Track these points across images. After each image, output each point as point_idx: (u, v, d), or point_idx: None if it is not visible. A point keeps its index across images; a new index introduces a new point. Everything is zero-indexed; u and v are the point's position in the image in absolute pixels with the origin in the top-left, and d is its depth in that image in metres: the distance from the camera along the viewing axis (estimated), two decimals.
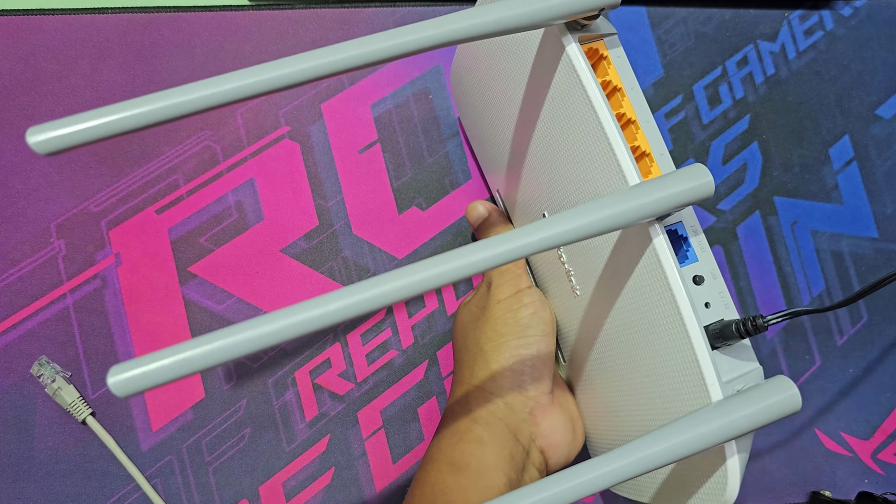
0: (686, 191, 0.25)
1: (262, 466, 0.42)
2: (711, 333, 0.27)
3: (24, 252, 0.43)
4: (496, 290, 0.38)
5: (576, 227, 0.24)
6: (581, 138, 0.29)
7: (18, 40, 0.44)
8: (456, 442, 0.35)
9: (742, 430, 0.24)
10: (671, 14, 0.50)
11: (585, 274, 0.34)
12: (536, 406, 0.36)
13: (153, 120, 0.22)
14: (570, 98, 0.29)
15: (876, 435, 0.47)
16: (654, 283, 0.28)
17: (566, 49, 0.28)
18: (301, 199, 0.45)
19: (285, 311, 0.21)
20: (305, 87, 0.46)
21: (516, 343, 0.36)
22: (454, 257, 0.22)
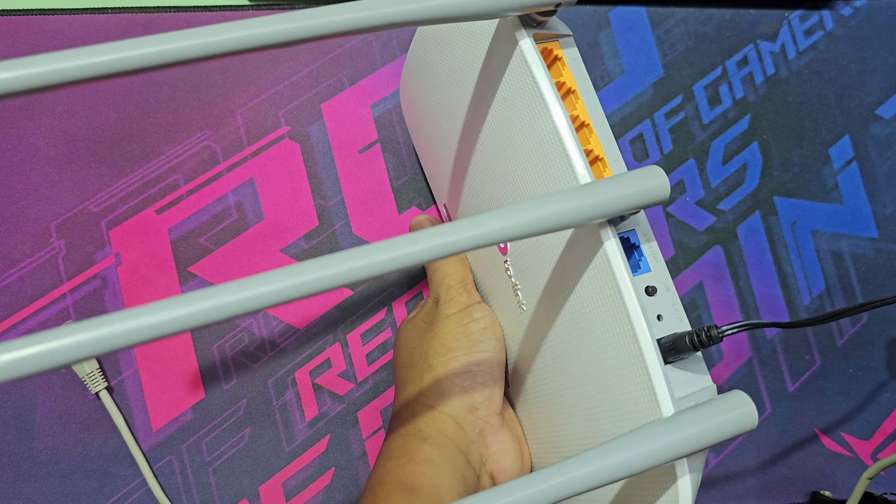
0: (640, 192, 0.24)
1: (262, 466, 0.42)
2: (664, 347, 0.25)
3: (24, 252, 0.43)
4: (445, 305, 0.36)
5: (521, 223, 0.22)
6: (530, 136, 0.28)
7: (18, 40, 0.44)
8: (405, 462, 0.32)
9: (695, 446, 0.23)
10: (671, 14, 0.50)
11: (532, 286, 0.32)
12: (486, 426, 0.34)
13: None
14: (521, 94, 0.28)
15: (876, 435, 0.47)
16: (604, 291, 0.26)
17: (519, 43, 0.27)
18: (301, 199, 0.45)
19: (174, 301, 0.19)
20: (305, 87, 0.46)
21: (466, 359, 0.34)
22: (388, 248, 0.21)
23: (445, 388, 0.34)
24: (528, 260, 0.32)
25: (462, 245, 0.21)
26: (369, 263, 0.20)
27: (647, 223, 0.28)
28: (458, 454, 0.33)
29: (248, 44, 0.21)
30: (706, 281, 0.47)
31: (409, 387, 0.36)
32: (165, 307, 0.19)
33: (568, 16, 0.48)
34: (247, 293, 0.19)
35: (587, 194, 0.24)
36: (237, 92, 0.45)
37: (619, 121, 0.48)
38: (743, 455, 0.46)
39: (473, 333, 0.35)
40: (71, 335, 0.18)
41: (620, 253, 0.25)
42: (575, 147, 0.26)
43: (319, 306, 0.44)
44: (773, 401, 0.46)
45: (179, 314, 0.19)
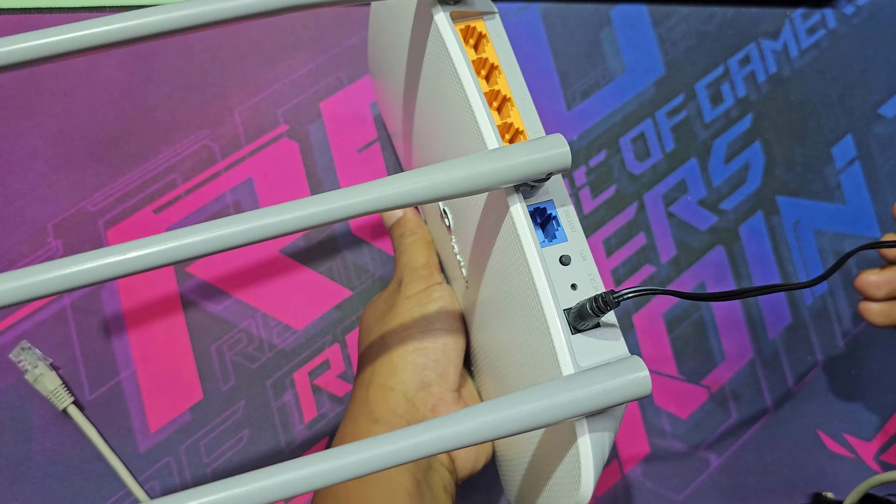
0: (541, 159, 0.24)
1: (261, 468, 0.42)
2: (573, 316, 0.25)
3: (21, 252, 0.42)
4: (406, 287, 0.37)
5: (422, 186, 0.23)
6: (451, 108, 0.29)
7: None
8: None
9: (588, 407, 0.23)
10: (673, 12, 0.49)
11: (468, 261, 0.33)
12: (439, 402, 0.34)
13: None
14: (440, 68, 0.29)
15: (878, 436, 0.47)
16: (515, 261, 0.26)
17: (434, 18, 0.28)
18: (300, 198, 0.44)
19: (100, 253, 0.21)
20: (304, 86, 0.45)
21: (420, 337, 0.35)
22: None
23: (399, 366, 0.35)
24: (464, 235, 0.33)
25: (364, 207, 0.22)
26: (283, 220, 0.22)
27: (565, 193, 0.28)
28: None
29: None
30: (708, 281, 0.47)
31: (365, 367, 0.37)
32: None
33: (569, 14, 0.48)
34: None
35: (488, 160, 0.24)
36: (235, 91, 0.45)
37: (620, 119, 0.48)
38: (744, 456, 0.45)
39: (430, 313, 0.35)
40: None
41: (527, 219, 0.26)
42: (485, 117, 0.27)
43: (318, 307, 0.44)
44: (774, 401, 0.46)
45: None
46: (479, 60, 0.29)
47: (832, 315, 0.48)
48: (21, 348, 0.40)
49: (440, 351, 0.35)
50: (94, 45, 0.23)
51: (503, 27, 0.29)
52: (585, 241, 0.27)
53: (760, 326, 0.47)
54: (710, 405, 0.46)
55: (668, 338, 0.46)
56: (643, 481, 0.45)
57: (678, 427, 0.45)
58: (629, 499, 0.44)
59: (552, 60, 0.48)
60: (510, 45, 0.29)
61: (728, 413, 0.46)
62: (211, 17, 0.23)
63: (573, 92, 0.48)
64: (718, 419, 0.46)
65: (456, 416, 0.22)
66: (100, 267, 0.21)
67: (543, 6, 0.48)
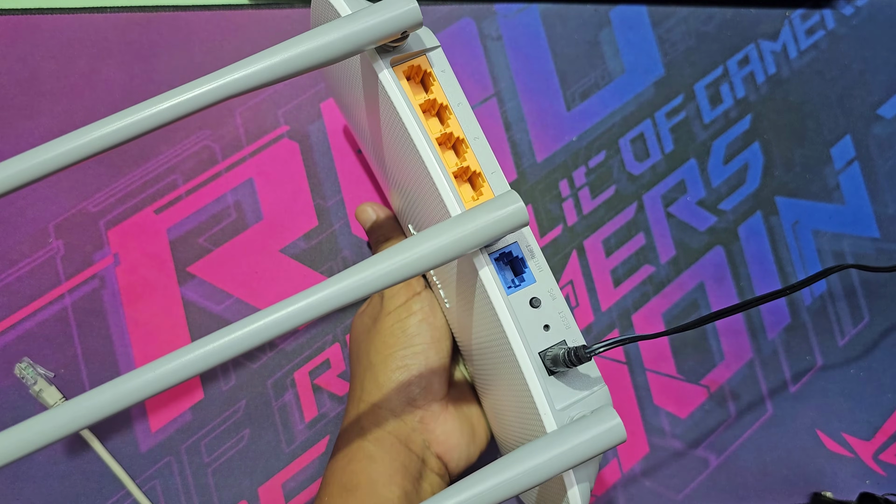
0: (500, 220, 0.25)
1: (262, 467, 0.42)
2: (549, 359, 0.27)
3: (22, 252, 0.42)
4: (388, 301, 0.37)
5: (396, 268, 0.24)
6: (412, 162, 0.29)
7: (17, 39, 0.44)
8: (346, 463, 0.34)
9: (573, 461, 0.25)
10: (672, 13, 0.49)
11: (449, 289, 0.34)
12: (426, 414, 0.35)
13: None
14: (394, 123, 0.29)
15: (877, 436, 0.47)
16: (489, 312, 0.28)
17: (378, 76, 0.28)
18: (300, 199, 0.45)
19: None
20: (304, 87, 0.45)
21: (402, 353, 0.35)
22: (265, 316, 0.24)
23: (383, 384, 0.35)
24: (441, 270, 0.33)
25: (355, 293, 0.24)
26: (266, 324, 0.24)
27: (530, 234, 0.29)
28: (396, 445, 0.34)
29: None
30: (707, 282, 0.47)
31: (354, 383, 0.38)
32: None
33: (568, 15, 0.48)
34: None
35: (449, 231, 0.25)
36: None
37: (619, 120, 0.48)
38: (744, 456, 0.45)
39: (410, 328, 0.36)
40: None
41: (494, 278, 0.27)
42: (441, 175, 0.28)
43: None
44: (774, 401, 0.46)
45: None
46: (427, 102, 0.29)
47: (831, 315, 0.48)
48: (22, 366, 0.41)
49: (422, 366, 0.35)
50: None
51: (446, 59, 0.29)
52: (553, 279, 0.28)
53: (760, 326, 0.47)
54: (709, 405, 0.46)
55: (667, 337, 0.46)
56: (642, 480, 0.45)
57: (677, 427, 0.45)
58: (629, 498, 0.45)
59: (552, 61, 0.48)
60: (456, 78, 0.29)
61: (727, 413, 0.46)
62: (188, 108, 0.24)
63: (573, 93, 0.48)
64: (718, 419, 0.46)
65: (459, 487, 0.24)
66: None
67: (543, 7, 0.48)
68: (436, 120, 0.30)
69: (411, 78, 0.29)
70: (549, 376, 0.27)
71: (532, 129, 0.47)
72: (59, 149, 0.24)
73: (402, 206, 0.36)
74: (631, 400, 0.45)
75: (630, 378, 0.46)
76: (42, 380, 0.41)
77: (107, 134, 0.24)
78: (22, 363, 0.41)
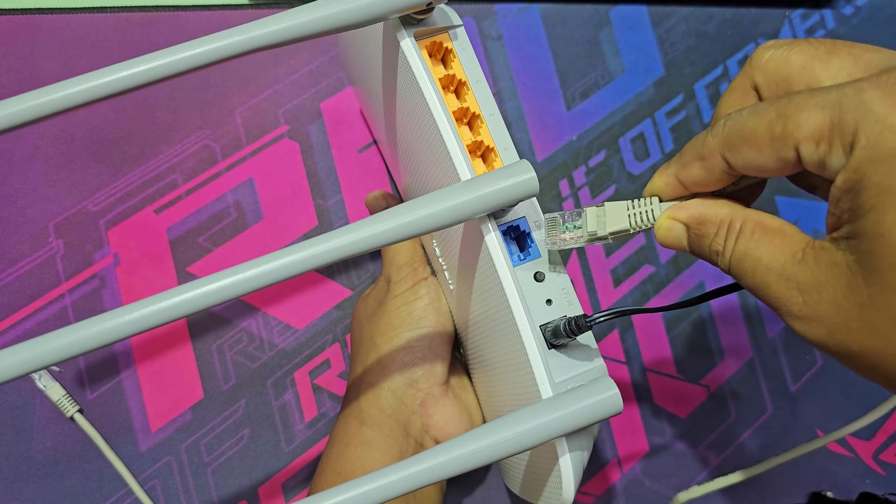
0: (510, 187, 0.25)
1: (261, 467, 0.42)
2: (550, 332, 0.27)
3: (22, 252, 0.42)
4: (395, 285, 0.37)
5: (401, 224, 0.24)
6: (426, 132, 0.30)
7: (17, 39, 0.44)
8: (343, 449, 0.34)
9: (566, 428, 0.24)
10: (672, 13, 0.49)
11: (453, 269, 0.34)
12: (427, 397, 0.35)
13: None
14: (411, 93, 0.30)
15: (877, 435, 0.47)
16: (492, 282, 0.28)
17: (401, 44, 0.28)
18: (300, 199, 0.45)
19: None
20: (305, 86, 0.45)
21: (408, 335, 0.35)
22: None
23: (387, 364, 0.35)
24: (447, 244, 0.34)
25: (350, 250, 0.23)
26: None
27: (537, 209, 0.29)
28: (395, 429, 0.34)
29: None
30: (707, 281, 0.47)
31: (356, 366, 0.37)
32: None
33: (568, 14, 0.48)
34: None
35: (461, 192, 0.25)
36: (236, 91, 0.45)
37: (619, 120, 0.48)
38: (744, 455, 0.45)
39: (416, 311, 0.36)
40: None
41: (500, 245, 0.27)
42: (456, 147, 0.28)
43: (319, 306, 0.44)
44: (774, 401, 0.46)
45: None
46: (447, 77, 0.29)
47: None
48: None
49: (427, 348, 0.36)
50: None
51: (468, 40, 0.30)
52: (559, 254, 0.28)
53: (760, 325, 0.47)
54: (709, 404, 0.46)
55: (667, 337, 0.46)
56: (642, 480, 0.45)
57: (677, 426, 0.45)
58: (628, 497, 0.45)
59: (552, 61, 0.48)
60: (476, 57, 0.30)
61: (727, 412, 0.46)
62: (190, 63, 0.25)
63: (573, 92, 0.48)
64: (718, 418, 0.46)
65: (449, 445, 0.24)
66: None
67: (543, 7, 0.48)
68: (453, 96, 0.30)
69: (433, 55, 0.29)
70: (548, 349, 0.27)
71: (532, 128, 0.47)
72: (78, 86, 0.24)
73: (411, 183, 0.37)
74: (631, 400, 0.45)
75: (630, 378, 0.46)
76: (46, 375, 0.41)
77: (130, 75, 0.24)
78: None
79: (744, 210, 0.22)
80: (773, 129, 0.19)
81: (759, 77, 0.21)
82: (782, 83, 0.20)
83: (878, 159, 0.16)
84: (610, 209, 0.25)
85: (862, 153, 0.16)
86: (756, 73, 0.21)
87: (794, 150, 0.18)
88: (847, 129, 0.17)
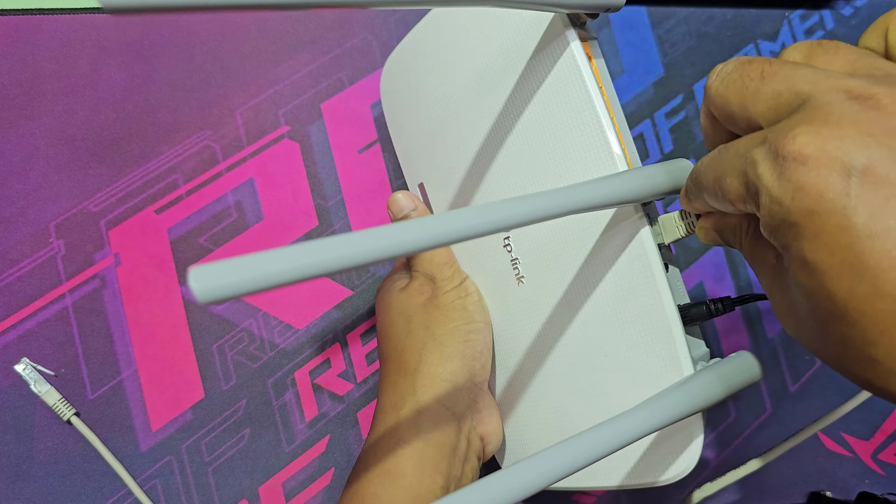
0: (670, 180, 0.27)
1: (262, 467, 0.42)
2: (689, 314, 0.29)
3: (23, 252, 0.42)
4: (443, 282, 0.38)
5: (576, 200, 0.24)
6: (572, 129, 0.31)
7: (18, 40, 0.44)
8: (394, 444, 0.33)
9: (715, 397, 0.26)
10: (672, 13, 0.49)
11: (532, 263, 0.34)
12: (479, 393, 0.36)
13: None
14: (565, 91, 0.30)
15: (876, 435, 0.47)
16: (638, 271, 0.29)
17: (571, 45, 0.30)
18: (301, 199, 0.45)
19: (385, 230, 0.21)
20: (305, 87, 0.46)
21: (466, 328, 0.36)
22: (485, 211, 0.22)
23: (450, 355, 0.36)
24: (541, 238, 0.34)
25: (536, 215, 0.23)
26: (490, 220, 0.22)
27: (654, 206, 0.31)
28: (451, 423, 0.34)
29: None
30: (707, 280, 0.47)
31: (407, 354, 0.37)
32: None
33: None
34: None
35: (631, 178, 0.26)
36: (237, 91, 0.45)
37: None
38: (744, 454, 0.45)
39: (469, 305, 0.37)
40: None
41: (652, 238, 0.29)
42: (615, 140, 0.29)
43: (319, 306, 0.44)
44: (773, 401, 0.46)
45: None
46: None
47: None
48: (23, 366, 0.41)
49: (482, 342, 0.36)
50: None
51: (600, 49, 0.31)
52: (671, 249, 0.31)
53: (759, 326, 0.47)
54: None
55: None
56: None
57: None
58: (629, 497, 0.45)
59: None
60: (606, 64, 0.31)
61: (727, 412, 0.46)
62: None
63: None
64: (717, 418, 0.46)
65: (614, 420, 0.24)
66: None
67: None
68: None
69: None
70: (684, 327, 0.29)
71: None
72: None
73: (509, 179, 0.36)
74: None
75: None
76: (41, 381, 0.41)
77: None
78: (22, 363, 0.41)
79: (750, 216, 0.24)
80: (716, 188, 0.22)
81: (713, 111, 0.23)
82: (728, 121, 0.22)
83: (772, 227, 0.19)
84: (662, 221, 0.29)
85: (763, 220, 0.19)
86: (711, 107, 0.23)
87: (732, 205, 0.21)
88: (753, 197, 0.20)
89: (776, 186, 0.18)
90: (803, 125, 0.18)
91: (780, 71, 0.20)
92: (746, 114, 0.21)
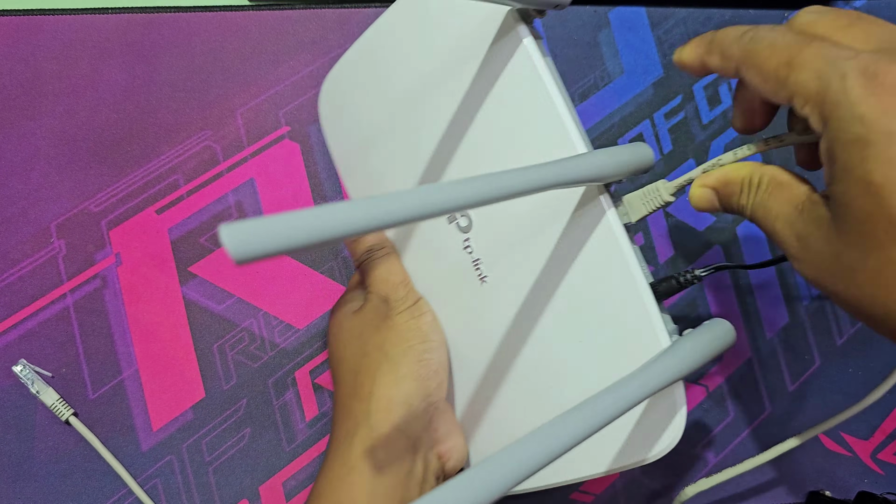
0: (632, 160, 0.28)
1: (263, 466, 0.42)
2: (658, 290, 0.30)
3: (24, 252, 0.43)
4: (397, 302, 0.37)
5: (540, 177, 0.24)
6: (530, 122, 0.31)
7: (18, 40, 0.44)
8: (346, 474, 0.33)
9: (695, 363, 0.27)
10: (671, 14, 0.50)
11: (493, 260, 0.35)
12: (436, 412, 0.36)
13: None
14: (519, 86, 0.31)
15: (876, 435, 0.47)
16: (605, 251, 0.30)
17: (524, 41, 0.30)
18: (301, 200, 0.45)
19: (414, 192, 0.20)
20: (305, 87, 0.46)
21: (421, 347, 0.36)
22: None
23: (404, 375, 0.35)
24: (503, 232, 0.34)
25: (503, 191, 0.23)
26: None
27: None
28: (407, 447, 0.34)
29: None
30: (706, 280, 0.47)
31: (361, 379, 0.36)
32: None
33: (568, 16, 0.48)
34: None
35: (592, 158, 0.27)
36: (237, 92, 0.45)
37: (618, 121, 0.48)
38: (742, 454, 0.46)
39: (424, 325, 0.37)
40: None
41: (614, 209, 0.29)
42: (575, 127, 0.30)
43: (319, 306, 0.44)
44: (772, 400, 0.46)
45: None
46: None
47: (829, 314, 0.48)
48: (21, 367, 0.41)
49: (437, 361, 0.36)
50: None
51: (546, 48, 0.32)
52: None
53: (758, 325, 0.47)
54: (708, 404, 0.46)
55: None
56: (641, 479, 0.45)
57: None
58: (628, 496, 0.45)
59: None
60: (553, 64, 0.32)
61: (726, 412, 0.46)
62: None
63: (572, 93, 0.48)
64: (717, 418, 0.46)
65: (602, 392, 0.24)
66: None
67: None
68: None
69: None
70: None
71: None
72: None
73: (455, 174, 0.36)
74: None
75: None
76: (39, 381, 0.41)
77: None
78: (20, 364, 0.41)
79: (762, 167, 0.26)
80: (779, 73, 0.22)
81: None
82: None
83: (842, 142, 0.19)
84: (627, 201, 0.30)
85: (832, 133, 0.20)
86: None
87: (788, 98, 0.22)
88: (826, 106, 0.20)
89: (864, 104, 0.19)
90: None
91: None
92: (841, 41, 0.22)
